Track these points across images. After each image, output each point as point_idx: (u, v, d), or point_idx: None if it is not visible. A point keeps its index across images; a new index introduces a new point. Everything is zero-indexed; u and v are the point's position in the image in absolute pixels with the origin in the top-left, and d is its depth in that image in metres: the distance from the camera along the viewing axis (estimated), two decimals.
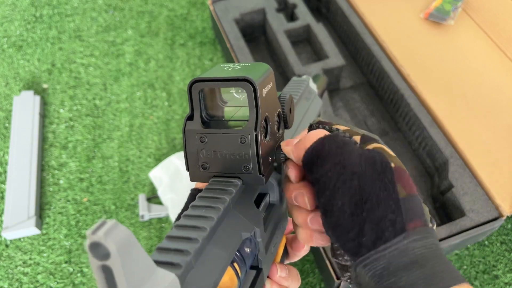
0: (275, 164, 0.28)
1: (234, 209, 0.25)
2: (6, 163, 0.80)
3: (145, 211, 0.72)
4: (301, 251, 0.33)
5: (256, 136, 0.25)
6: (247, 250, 0.25)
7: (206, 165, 0.26)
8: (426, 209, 0.23)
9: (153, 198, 0.75)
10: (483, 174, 0.64)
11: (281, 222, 0.31)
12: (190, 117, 0.26)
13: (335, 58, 0.78)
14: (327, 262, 0.58)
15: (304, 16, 0.85)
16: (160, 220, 0.73)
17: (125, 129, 0.84)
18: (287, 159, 0.28)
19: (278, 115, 0.29)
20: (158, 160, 0.79)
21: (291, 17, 0.90)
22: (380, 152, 0.23)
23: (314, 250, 0.65)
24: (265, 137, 0.26)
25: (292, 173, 0.27)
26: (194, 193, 0.33)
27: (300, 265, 0.68)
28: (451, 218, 0.65)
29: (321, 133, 0.25)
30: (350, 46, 0.88)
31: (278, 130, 0.29)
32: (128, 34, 0.99)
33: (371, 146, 0.24)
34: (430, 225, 0.23)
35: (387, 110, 0.81)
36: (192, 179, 0.27)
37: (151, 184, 0.77)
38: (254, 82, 0.24)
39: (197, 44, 0.96)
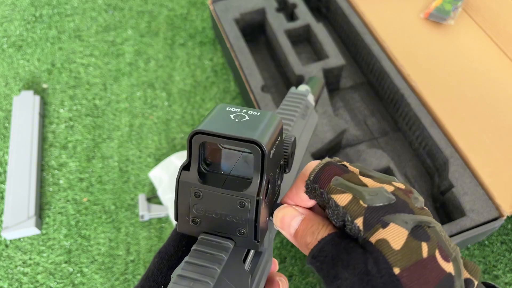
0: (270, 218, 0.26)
1: (222, 274, 0.23)
2: (6, 163, 0.80)
3: (145, 211, 0.72)
4: None
5: (258, 201, 0.23)
6: None
7: (197, 220, 0.24)
8: (459, 283, 0.20)
9: (153, 198, 0.75)
10: (483, 174, 0.64)
11: (267, 268, 0.29)
12: (186, 167, 0.24)
13: (335, 58, 0.78)
14: None
15: (304, 16, 0.85)
16: (160, 220, 0.73)
17: (125, 129, 0.84)
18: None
19: (280, 166, 0.26)
20: (158, 160, 0.79)
21: (291, 17, 0.90)
22: (380, 257, 0.20)
23: None
24: (266, 197, 0.24)
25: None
26: (179, 231, 0.30)
27: (300, 265, 0.68)
28: (451, 218, 0.65)
29: (322, 229, 0.23)
30: (350, 46, 0.88)
31: (279, 181, 0.26)
32: (128, 34, 0.99)
33: (375, 238, 0.21)
34: None
35: (387, 110, 0.81)
36: (179, 230, 0.25)
37: (151, 184, 0.77)
38: (263, 147, 0.21)
39: (197, 44, 0.96)
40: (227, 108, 0.24)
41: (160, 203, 0.75)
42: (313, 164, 0.24)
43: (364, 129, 0.79)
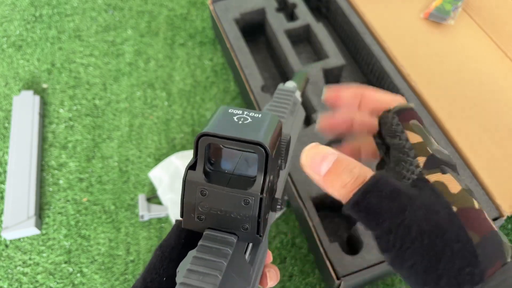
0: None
1: (227, 267, 0.24)
2: (6, 163, 0.80)
3: (145, 211, 0.72)
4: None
5: (261, 199, 0.24)
6: None
7: (202, 216, 0.26)
8: (504, 240, 0.21)
9: (152, 198, 0.75)
10: (483, 174, 0.64)
11: (264, 259, 0.30)
12: (192, 167, 0.25)
13: (335, 57, 0.78)
14: (327, 262, 0.58)
15: (304, 15, 0.85)
16: (160, 220, 0.73)
17: (125, 129, 0.84)
18: None
19: (279, 166, 0.28)
20: (158, 160, 0.79)
21: (291, 16, 0.90)
22: (439, 193, 0.21)
23: (314, 251, 0.65)
24: (267, 194, 0.25)
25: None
26: (179, 225, 0.31)
27: (300, 265, 0.68)
28: None
29: (360, 167, 0.22)
30: (350, 45, 0.88)
31: (276, 178, 0.28)
32: (127, 34, 0.99)
33: (433, 178, 0.22)
34: (509, 259, 0.21)
35: None
36: (184, 226, 0.27)
37: (151, 184, 0.77)
38: (267, 148, 0.23)
39: (197, 44, 0.96)
40: (229, 111, 0.26)
41: (160, 203, 0.75)
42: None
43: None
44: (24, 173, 0.76)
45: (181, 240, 0.31)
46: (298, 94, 0.41)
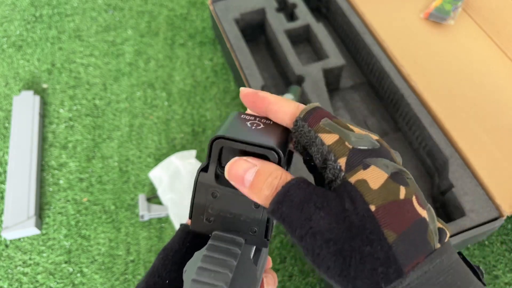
0: None
1: (236, 267, 0.25)
2: (6, 163, 0.80)
3: (145, 211, 0.72)
4: None
5: None
6: None
7: (211, 218, 0.26)
8: (430, 228, 0.21)
9: (153, 198, 0.75)
10: (483, 174, 0.64)
11: (265, 263, 0.31)
12: (204, 169, 0.25)
13: (335, 58, 0.78)
14: None
15: (304, 16, 0.85)
16: (160, 220, 0.73)
17: (125, 129, 0.84)
18: None
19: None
20: (158, 160, 0.79)
21: (291, 17, 0.90)
22: (357, 196, 0.21)
23: None
24: None
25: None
26: (184, 229, 0.32)
27: (300, 265, 0.68)
28: (451, 218, 0.65)
29: (281, 178, 0.22)
30: (350, 46, 0.88)
31: None
32: (128, 34, 0.99)
33: (354, 178, 0.21)
34: (438, 244, 0.20)
35: (387, 110, 0.81)
36: (193, 228, 0.27)
37: (151, 184, 0.77)
38: (280, 153, 0.23)
39: (197, 44, 0.96)
40: (242, 116, 0.26)
41: (160, 203, 0.75)
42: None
43: (364, 129, 0.79)
44: (24, 173, 0.76)
45: (185, 244, 0.31)
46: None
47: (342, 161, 0.22)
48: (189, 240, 0.31)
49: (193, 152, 0.79)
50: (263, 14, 0.87)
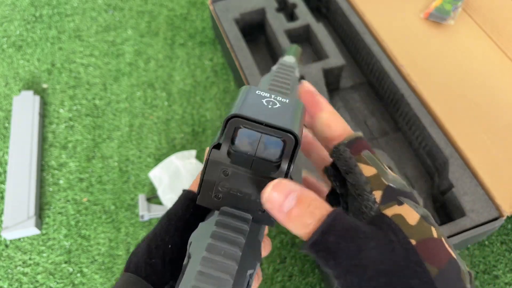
0: None
1: (244, 244, 0.24)
2: (6, 163, 0.80)
3: (145, 211, 0.72)
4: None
5: None
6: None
7: (220, 195, 0.26)
8: (462, 268, 0.21)
9: (153, 198, 0.75)
10: (483, 174, 0.64)
11: (263, 234, 0.31)
12: (216, 146, 0.25)
13: (335, 58, 0.78)
14: None
15: (304, 16, 0.85)
16: None
17: (125, 129, 0.84)
18: None
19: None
20: (158, 160, 0.79)
21: (291, 17, 0.90)
22: (397, 228, 0.21)
23: None
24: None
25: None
26: (187, 195, 0.32)
27: (300, 265, 0.68)
28: (451, 218, 0.65)
29: (321, 207, 0.22)
30: (350, 46, 0.88)
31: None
32: (128, 34, 0.99)
33: (390, 212, 0.22)
34: (469, 285, 0.21)
35: (387, 110, 0.81)
36: (200, 202, 0.26)
37: (151, 184, 0.77)
38: (298, 137, 0.23)
39: (197, 44, 0.96)
40: (257, 92, 0.25)
41: (160, 203, 0.75)
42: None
43: (364, 129, 0.79)
44: (24, 173, 0.76)
45: (189, 210, 0.31)
46: (297, 71, 0.38)
47: (377, 194, 0.22)
48: (192, 207, 0.31)
49: (193, 152, 0.79)
50: (263, 14, 0.87)
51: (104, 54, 0.95)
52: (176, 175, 0.75)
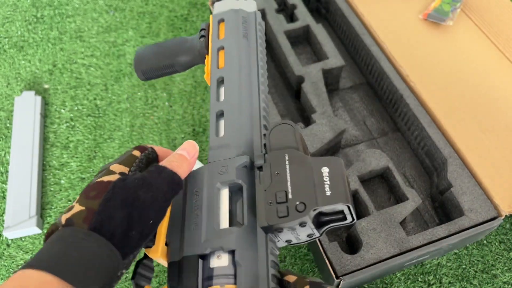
0: None
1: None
2: (8, 163, 0.80)
3: None
4: None
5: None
6: None
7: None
8: None
9: None
10: (482, 173, 0.64)
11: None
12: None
13: (334, 58, 0.79)
14: (327, 261, 0.58)
15: (304, 17, 0.86)
16: None
17: (126, 129, 0.84)
18: None
19: None
20: None
21: (291, 18, 0.90)
22: None
23: (314, 250, 0.66)
24: None
25: None
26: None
27: (300, 265, 0.68)
28: (450, 217, 0.66)
29: None
30: (350, 46, 0.88)
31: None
32: (129, 35, 0.99)
33: None
34: None
35: (386, 110, 0.81)
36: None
37: None
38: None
39: None
40: None
41: None
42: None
43: (363, 129, 0.79)
44: (26, 173, 0.77)
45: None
46: (252, 4, 0.30)
47: None
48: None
49: None
50: (263, 15, 0.87)
51: (105, 54, 0.96)
52: None
